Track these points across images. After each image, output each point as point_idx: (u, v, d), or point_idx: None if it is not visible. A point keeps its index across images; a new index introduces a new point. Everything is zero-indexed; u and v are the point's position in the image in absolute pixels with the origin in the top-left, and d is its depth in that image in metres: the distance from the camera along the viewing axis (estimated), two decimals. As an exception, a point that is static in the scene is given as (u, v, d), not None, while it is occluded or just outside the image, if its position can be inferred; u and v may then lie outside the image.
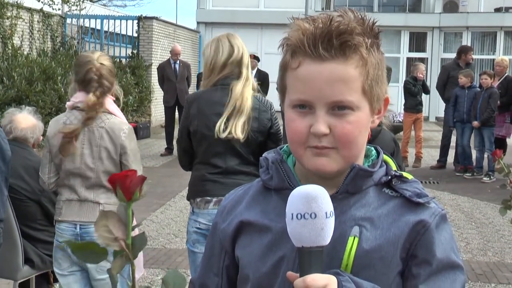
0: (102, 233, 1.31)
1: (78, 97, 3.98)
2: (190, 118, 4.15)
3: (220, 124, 4.03)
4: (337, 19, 1.46)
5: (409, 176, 1.56)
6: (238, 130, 4.04)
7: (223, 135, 4.03)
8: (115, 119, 4.02)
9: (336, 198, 1.48)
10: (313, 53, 1.45)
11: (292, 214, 1.34)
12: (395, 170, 1.56)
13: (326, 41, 1.44)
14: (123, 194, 1.35)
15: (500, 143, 12.49)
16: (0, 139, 3.93)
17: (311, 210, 1.33)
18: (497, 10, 27.77)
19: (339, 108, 1.45)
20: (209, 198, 4.11)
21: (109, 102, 4.03)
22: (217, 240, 1.68)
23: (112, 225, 1.33)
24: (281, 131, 4.25)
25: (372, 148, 1.61)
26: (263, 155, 1.64)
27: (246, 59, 4.20)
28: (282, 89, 1.56)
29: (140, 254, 4.28)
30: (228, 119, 4.05)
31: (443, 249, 1.48)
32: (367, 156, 1.59)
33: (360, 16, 1.49)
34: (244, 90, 4.12)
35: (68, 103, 4.04)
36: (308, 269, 1.34)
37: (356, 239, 1.46)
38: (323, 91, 1.44)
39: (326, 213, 1.34)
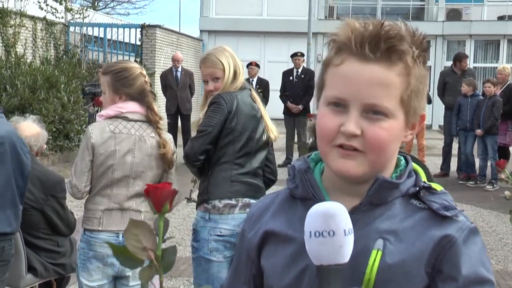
0: (132, 242, 1.32)
1: (126, 107, 3.97)
2: (230, 116, 4.19)
3: (272, 128, 4.37)
4: (388, 25, 1.44)
5: (439, 188, 1.52)
6: (274, 133, 4.40)
7: (264, 138, 4.32)
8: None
9: (360, 210, 1.47)
10: (358, 52, 1.42)
11: (310, 232, 1.31)
12: (424, 181, 1.52)
13: (373, 42, 1.42)
14: (154, 206, 1.36)
15: (503, 151, 12.48)
16: (22, 153, 3.94)
17: (329, 228, 1.29)
18: (500, 18, 27.80)
19: (373, 112, 1.42)
20: (234, 202, 4.13)
21: None
22: (244, 248, 1.66)
23: (143, 235, 1.33)
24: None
25: (402, 158, 1.56)
26: (292, 163, 1.61)
27: None
28: (320, 86, 1.52)
29: None
30: (266, 124, 4.35)
31: (471, 264, 1.43)
32: (396, 165, 1.55)
33: (411, 28, 1.47)
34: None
35: (108, 112, 3.99)
36: None
37: (380, 253, 1.43)
38: (360, 91, 1.42)
39: (344, 230, 1.30)
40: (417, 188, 1.49)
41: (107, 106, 4.05)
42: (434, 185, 1.52)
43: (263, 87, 13.83)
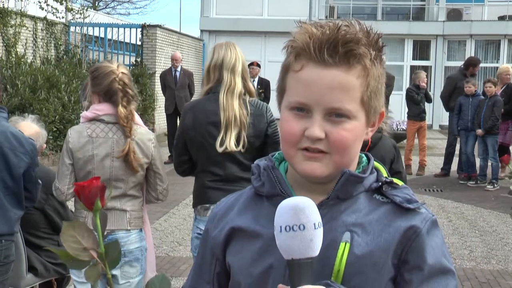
0: (70, 244, 1.28)
1: (102, 109, 3.95)
2: (185, 128, 4.15)
3: (219, 138, 4.07)
4: (345, 28, 1.47)
5: (400, 182, 1.57)
6: (232, 143, 4.06)
7: (220, 150, 4.07)
8: (141, 129, 4.03)
9: (327, 204, 1.50)
10: (317, 57, 1.45)
11: (281, 227, 1.33)
12: (385, 177, 1.56)
13: (331, 47, 1.44)
14: (84, 204, 1.33)
15: (503, 151, 12.47)
16: (12, 154, 3.93)
17: (300, 221, 1.32)
18: (501, 18, 27.78)
19: (336, 115, 1.45)
20: (207, 205, 4.13)
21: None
22: (208, 247, 1.68)
23: (80, 235, 1.29)
24: (279, 133, 4.30)
25: (363, 155, 1.61)
26: (255, 162, 1.64)
27: (229, 62, 4.14)
28: (281, 90, 1.56)
29: (153, 257, 4.30)
30: (225, 132, 4.07)
31: (434, 254, 1.48)
32: (358, 163, 1.59)
33: (365, 28, 1.50)
34: (228, 99, 4.09)
35: (87, 114, 3.98)
36: (298, 281, 1.32)
37: (348, 245, 1.46)
38: (322, 96, 1.44)
39: (314, 224, 1.33)
40: (379, 183, 1.55)
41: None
42: (395, 180, 1.57)
43: (264, 87, 13.84)
